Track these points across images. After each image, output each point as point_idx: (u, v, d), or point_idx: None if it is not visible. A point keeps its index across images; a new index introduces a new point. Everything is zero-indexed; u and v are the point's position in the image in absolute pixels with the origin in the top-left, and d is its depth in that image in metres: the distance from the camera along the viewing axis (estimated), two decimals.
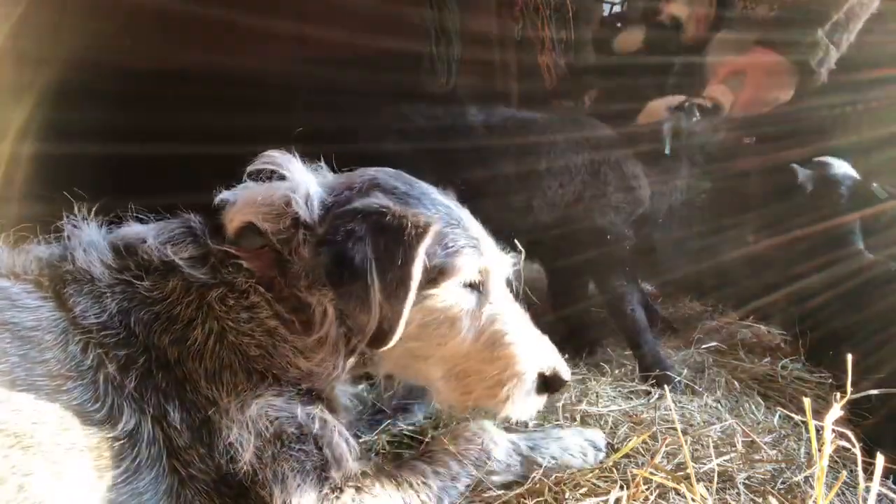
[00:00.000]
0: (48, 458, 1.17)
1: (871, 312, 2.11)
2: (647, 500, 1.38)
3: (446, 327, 1.46)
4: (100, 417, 1.24)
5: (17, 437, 1.15)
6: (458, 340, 1.46)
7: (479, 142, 2.34)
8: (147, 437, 1.27)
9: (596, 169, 2.41)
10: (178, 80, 2.85)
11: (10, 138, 2.49)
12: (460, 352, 1.47)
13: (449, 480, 1.47)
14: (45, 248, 1.44)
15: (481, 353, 1.47)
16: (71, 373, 1.25)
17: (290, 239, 1.42)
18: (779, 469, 1.53)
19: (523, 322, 1.54)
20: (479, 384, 1.48)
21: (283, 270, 1.42)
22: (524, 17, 3.30)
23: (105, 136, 2.54)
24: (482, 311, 1.49)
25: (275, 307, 1.41)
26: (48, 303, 1.31)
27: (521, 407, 1.48)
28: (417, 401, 1.89)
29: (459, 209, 1.55)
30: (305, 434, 1.35)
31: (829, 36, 2.43)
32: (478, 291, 1.50)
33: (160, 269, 1.39)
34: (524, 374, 1.47)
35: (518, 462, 1.56)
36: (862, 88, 2.73)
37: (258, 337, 1.38)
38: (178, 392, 1.31)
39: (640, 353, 2.33)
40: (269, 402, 1.34)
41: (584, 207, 2.40)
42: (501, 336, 1.48)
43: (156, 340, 1.33)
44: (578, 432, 1.67)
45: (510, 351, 1.47)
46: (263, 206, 1.44)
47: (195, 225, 1.48)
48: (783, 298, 2.63)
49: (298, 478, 1.32)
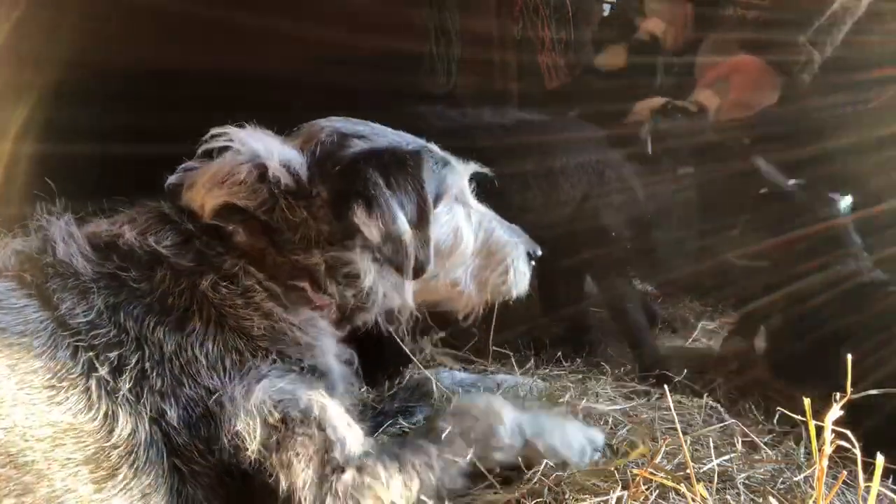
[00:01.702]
0: (43, 475, 1.14)
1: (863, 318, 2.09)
2: (647, 500, 1.38)
3: (452, 238, 1.65)
4: (94, 427, 1.20)
5: (9, 457, 1.12)
6: (464, 245, 1.67)
7: (483, 142, 2.34)
8: (145, 440, 1.23)
9: (598, 169, 2.42)
10: (177, 81, 2.85)
11: (10, 138, 2.50)
12: (468, 255, 1.69)
13: (452, 459, 1.44)
14: (23, 241, 1.39)
15: (482, 249, 1.71)
16: (62, 382, 1.20)
17: (273, 208, 1.42)
18: (779, 469, 1.53)
19: (494, 214, 1.78)
20: (490, 274, 1.71)
21: (272, 240, 1.42)
22: (524, 17, 3.30)
23: (104, 136, 2.54)
24: (470, 216, 1.70)
25: (268, 286, 1.40)
26: (33, 301, 1.26)
27: (522, 280, 1.75)
28: (419, 403, 1.89)
29: (414, 136, 1.65)
30: (308, 417, 1.32)
31: (813, 40, 2.44)
32: (462, 202, 1.70)
33: (144, 260, 1.35)
34: (519, 254, 1.74)
35: (520, 444, 1.52)
36: (861, 88, 2.73)
37: (257, 320, 1.37)
38: (175, 389, 1.26)
39: (639, 352, 2.34)
40: (274, 385, 1.31)
41: (587, 207, 2.41)
42: (492, 231, 1.73)
43: (149, 335, 1.27)
44: (581, 429, 1.65)
45: (504, 239, 1.73)
46: (233, 184, 1.42)
47: (168, 211, 1.44)
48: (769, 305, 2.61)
49: (303, 462, 1.29)
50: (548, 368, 2.27)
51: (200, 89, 2.77)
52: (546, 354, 2.38)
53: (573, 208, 2.42)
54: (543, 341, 2.50)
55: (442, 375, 1.99)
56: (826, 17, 2.42)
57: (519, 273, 1.73)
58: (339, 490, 1.30)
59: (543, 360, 2.35)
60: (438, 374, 1.99)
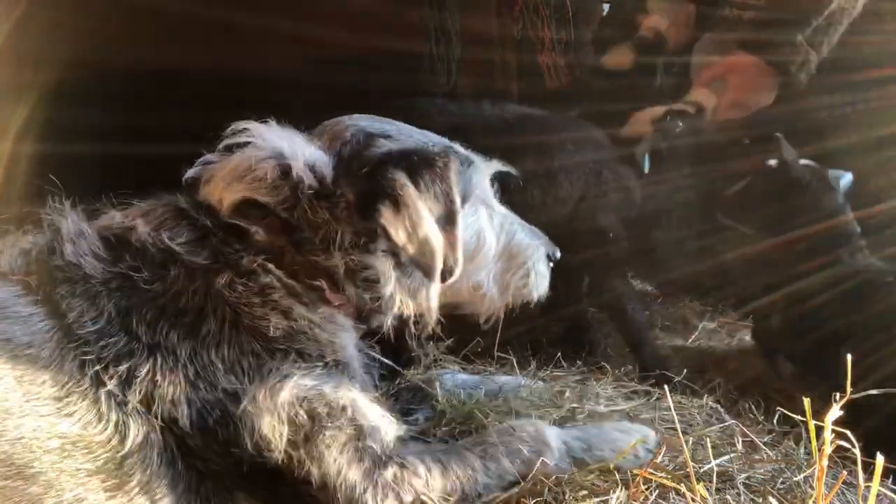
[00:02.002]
0: (51, 486, 1.13)
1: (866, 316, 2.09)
2: (647, 500, 1.38)
3: (475, 241, 1.63)
4: (104, 438, 1.18)
5: (16, 468, 1.11)
6: (487, 247, 1.65)
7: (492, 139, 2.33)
8: (158, 446, 1.21)
9: (597, 169, 2.41)
10: (177, 81, 2.85)
11: (10, 138, 2.50)
12: (491, 257, 1.67)
13: (496, 477, 1.43)
14: (30, 241, 1.36)
15: (504, 252, 1.69)
16: (70, 395, 1.18)
17: (294, 206, 1.38)
18: (778, 469, 1.53)
19: (515, 216, 1.76)
20: (512, 277, 1.70)
21: (292, 239, 1.39)
22: (524, 17, 3.29)
23: (105, 136, 2.54)
24: (492, 217, 1.69)
25: (287, 284, 1.37)
26: (40, 309, 1.23)
27: (543, 282, 1.73)
28: (420, 404, 1.88)
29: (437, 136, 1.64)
30: (335, 409, 1.30)
31: (810, 41, 2.43)
32: (486, 203, 1.68)
33: (157, 259, 1.31)
34: (540, 256, 1.72)
35: (568, 464, 1.50)
36: (860, 88, 2.73)
37: (274, 319, 1.33)
38: (190, 394, 1.23)
39: (640, 353, 2.33)
40: (298, 384, 1.29)
41: (586, 207, 2.40)
42: (514, 233, 1.71)
43: (163, 340, 1.24)
44: (628, 430, 1.61)
45: (526, 242, 1.71)
46: (253, 180, 1.38)
47: (185, 206, 1.40)
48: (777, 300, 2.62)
49: (335, 451, 1.28)
50: (548, 370, 2.27)
51: (200, 89, 2.77)
52: (545, 355, 2.38)
53: (571, 207, 2.41)
54: (542, 342, 2.50)
55: (443, 377, 1.98)
56: (824, 18, 2.42)
57: (539, 275, 1.72)
58: (380, 483, 1.30)
59: (543, 361, 2.35)
60: (440, 376, 1.98)
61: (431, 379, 1.94)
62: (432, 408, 1.86)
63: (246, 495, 1.29)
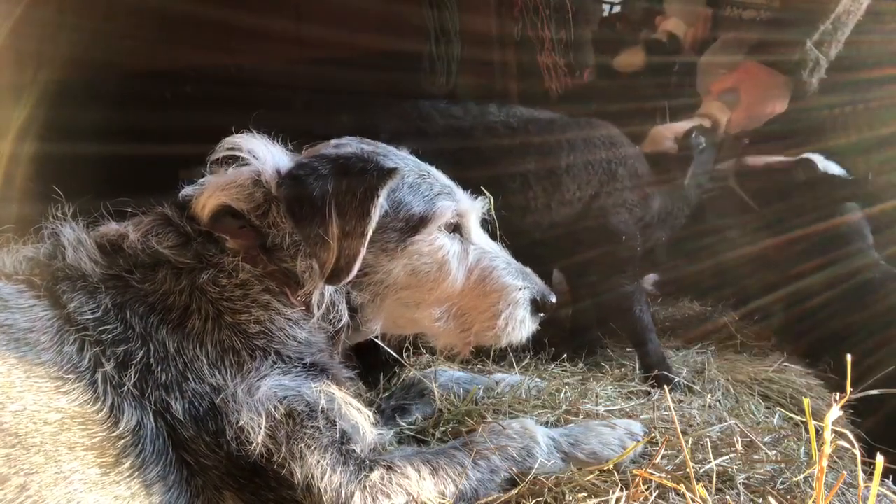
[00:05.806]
0: (50, 456, 1.17)
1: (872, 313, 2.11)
2: (647, 500, 1.38)
3: (436, 270, 1.55)
4: (101, 417, 1.24)
5: (18, 437, 1.16)
6: (450, 281, 1.56)
7: (498, 141, 2.33)
8: (151, 433, 1.27)
9: (612, 169, 2.40)
10: (177, 81, 2.85)
11: (10, 138, 2.50)
12: (454, 292, 1.57)
13: (488, 473, 1.46)
14: (34, 248, 1.44)
15: (475, 289, 1.59)
16: (69, 374, 1.25)
17: (266, 213, 1.45)
18: (778, 469, 1.53)
19: (506, 256, 1.65)
20: (477, 318, 1.59)
21: (264, 246, 1.46)
22: (524, 18, 3.29)
23: (105, 136, 2.54)
24: (468, 252, 1.60)
25: (265, 282, 1.43)
26: (41, 301, 1.31)
27: (519, 331, 1.60)
28: (415, 401, 1.89)
29: (426, 164, 1.62)
30: (315, 410, 1.35)
31: (818, 45, 2.43)
32: (459, 234, 1.61)
33: (147, 262, 1.40)
34: (518, 301, 1.59)
35: (559, 459, 1.54)
36: (860, 88, 2.73)
37: (255, 313, 1.40)
38: (181, 383, 1.30)
39: (644, 352, 2.32)
40: (277, 382, 1.34)
41: (598, 206, 2.39)
42: (490, 270, 1.60)
43: (154, 333, 1.32)
44: (615, 424, 1.65)
45: (502, 282, 1.59)
46: (233, 187, 1.47)
47: (170, 214, 1.49)
48: (782, 298, 2.64)
49: (317, 454, 1.31)
50: (547, 368, 2.27)
51: (200, 89, 2.77)
52: (545, 354, 2.38)
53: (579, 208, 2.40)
54: (543, 341, 2.50)
55: (439, 374, 1.99)
56: (830, 21, 2.42)
57: (515, 320, 1.59)
58: (367, 486, 1.33)
59: (542, 360, 2.35)
60: (435, 373, 1.99)
61: (426, 376, 1.95)
62: (428, 404, 1.88)
63: (233, 495, 1.32)
